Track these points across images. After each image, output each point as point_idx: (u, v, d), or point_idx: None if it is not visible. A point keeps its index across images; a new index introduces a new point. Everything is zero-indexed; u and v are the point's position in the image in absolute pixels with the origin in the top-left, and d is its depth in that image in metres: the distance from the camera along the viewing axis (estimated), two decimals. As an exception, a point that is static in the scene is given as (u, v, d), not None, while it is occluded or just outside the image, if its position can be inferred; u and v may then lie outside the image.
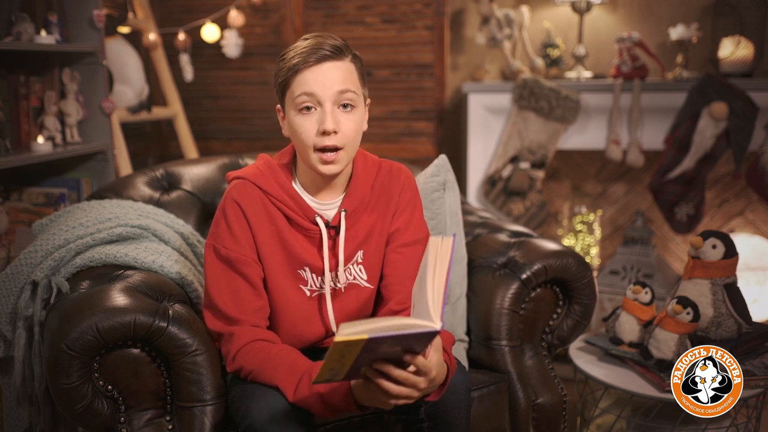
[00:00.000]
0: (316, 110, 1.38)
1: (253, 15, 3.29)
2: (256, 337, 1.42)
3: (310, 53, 1.37)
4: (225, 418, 1.48)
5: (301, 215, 1.46)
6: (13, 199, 2.47)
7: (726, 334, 1.95)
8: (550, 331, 1.89)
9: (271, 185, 1.46)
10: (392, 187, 1.54)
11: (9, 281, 1.67)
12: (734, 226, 3.17)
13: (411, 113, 3.25)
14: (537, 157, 2.98)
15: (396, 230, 1.53)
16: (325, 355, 1.12)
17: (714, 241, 1.94)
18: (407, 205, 1.54)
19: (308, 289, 1.49)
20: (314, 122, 1.38)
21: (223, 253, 1.44)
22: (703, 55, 3.00)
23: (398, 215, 1.53)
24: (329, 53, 1.37)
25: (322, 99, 1.37)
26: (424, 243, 1.53)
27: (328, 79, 1.37)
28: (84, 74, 2.52)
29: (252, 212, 1.45)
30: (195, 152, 3.30)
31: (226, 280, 1.44)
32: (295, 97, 1.38)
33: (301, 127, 1.39)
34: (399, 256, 1.52)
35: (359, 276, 1.52)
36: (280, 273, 1.47)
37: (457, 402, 1.39)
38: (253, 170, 1.49)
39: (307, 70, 1.37)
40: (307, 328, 1.50)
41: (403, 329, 1.10)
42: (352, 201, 1.49)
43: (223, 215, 1.46)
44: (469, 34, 3.23)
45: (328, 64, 1.37)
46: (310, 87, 1.37)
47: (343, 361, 1.14)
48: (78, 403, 1.41)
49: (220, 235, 1.45)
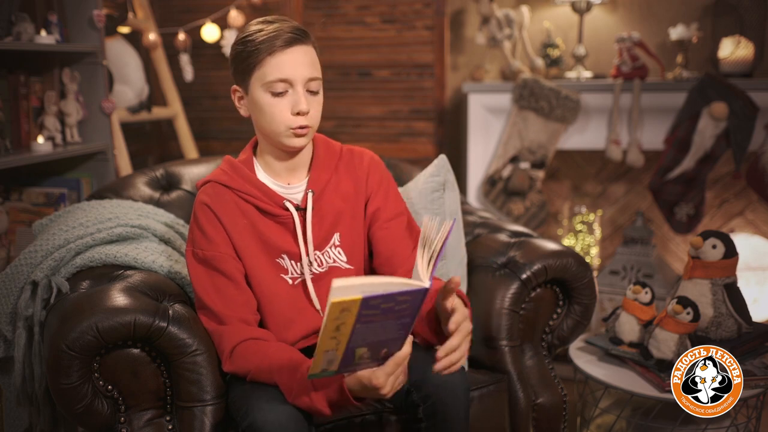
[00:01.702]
0: (288, 92, 1.44)
1: (253, 15, 3.29)
2: (249, 336, 1.44)
3: (277, 36, 1.42)
4: (225, 418, 1.48)
5: (269, 203, 1.51)
6: (13, 199, 2.47)
7: (726, 334, 1.95)
8: (550, 331, 1.89)
9: (236, 181, 1.52)
10: (358, 170, 1.60)
11: (9, 281, 1.67)
12: (734, 226, 3.17)
13: (411, 113, 3.25)
14: (537, 157, 2.98)
15: (376, 210, 1.58)
16: (320, 331, 1.12)
17: (714, 241, 1.94)
18: (379, 186, 1.60)
19: (290, 277, 1.53)
20: (287, 104, 1.45)
21: (201, 255, 1.49)
22: (703, 55, 3.00)
23: (373, 197, 1.59)
24: (297, 36, 1.43)
25: (294, 82, 1.44)
26: (405, 214, 1.61)
27: (299, 63, 1.44)
28: (84, 74, 2.53)
29: (222, 211, 1.50)
30: (195, 152, 3.30)
31: (210, 280, 1.48)
32: (267, 80, 1.43)
33: (275, 108, 1.45)
34: (386, 231, 1.57)
35: (338, 258, 1.55)
36: (261, 265, 1.51)
37: (455, 402, 1.39)
38: (217, 172, 1.56)
39: (279, 53, 1.42)
40: (296, 316, 1.52)
41: (393, 287, 1.12)
42: (318, 181, 1.54)
43: (195, 220, 1.52)
44: (469, 34, 3.23)
45: (298, 48, 1.44)
46: (284, 72, 1.43)
47: (338, 336, 1.13)
48: (78, 403, 1.41)
49: (196, 238, 1.51)
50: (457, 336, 1.29)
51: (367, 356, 1.21)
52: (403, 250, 1.55)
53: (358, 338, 1.16)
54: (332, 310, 1.09)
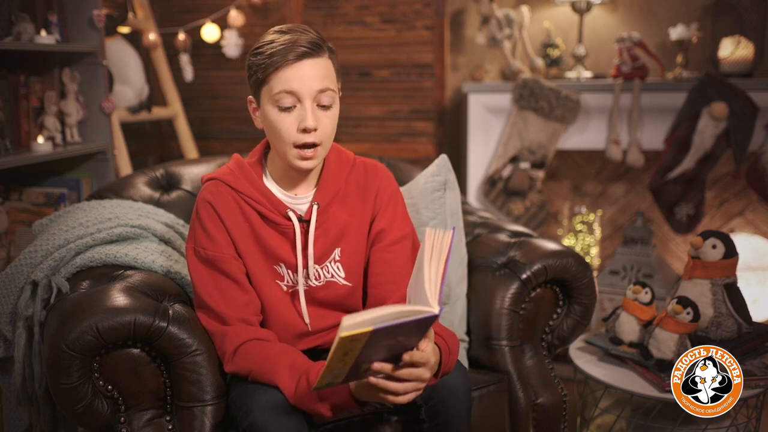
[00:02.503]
0: (296, 107, 1.39)
1: (253, 15, 3.29)
2: (252, 336, 1.43)
3: (288, 49, 1.37)
4: (225, 418, 1.48)
5: (272, 211, 1.48)
6: (13, 199, 2.47)
7: (726, 334, 1.95)
8: (550, 331, 1.89)
9: (242, 183, 1.48)
10: (368, 184, 1.54)
11: (9, 281, 1.67)
12: (734, 226, 3.17)
13: (411, 113, 3.25)
14: (537, 157, 2.98)
15: (381, 231, 1.53)
16: (328, 356, 1.12)
17: (714, 241, 1.94)
18: (388, 204, 1.54)
19: (285, 284, 1.51)
20: (294, 119, 1.39)
21: (203, 254, 1.46)
22: (703, 55, 3.00)
23: (380, 216, 1.54)
24: (308, 50, 1.38)
25: (302, 97, 1.38)
26: (410, 238, 1.55)
27: (308, 77, 1.37)
28: (84, 74, 2.52)
29: (225, 211, 1.47)
30: (195, 152, 3.30)
31: (212, 280, 1.46)
32: (274, 94, 1.39)
33: (281, 124, 1.40)
34: (388, 255, 1.52)
35: (337, 273, 1.52)
36: (259, 269, 1.49)
37: (457, 402, 1.39)
38: (224, 170, 1.51)
39: (287, 67, 1.37)
40: (289, 320, 1.51)
41: (404, 317, 1.11)
42: (325, 194, 1.50)
43: (197, 217, 1.48)
44: (469, 34, 3.23)
45: (308, 62, 1.38)
46: (290, 85, 1.37)
47: (345, 359, 1.14)
48: (78, 403, 1.41)
49: (198, 236, 1.48)
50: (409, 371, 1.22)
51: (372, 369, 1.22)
52: (403, 279, 1.49)
53: (365, 358, 1.17)
54: (341, 342, 1.08)
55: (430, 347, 1.25)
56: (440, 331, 1.40)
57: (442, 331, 1.42)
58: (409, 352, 1.21)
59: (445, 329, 1.46)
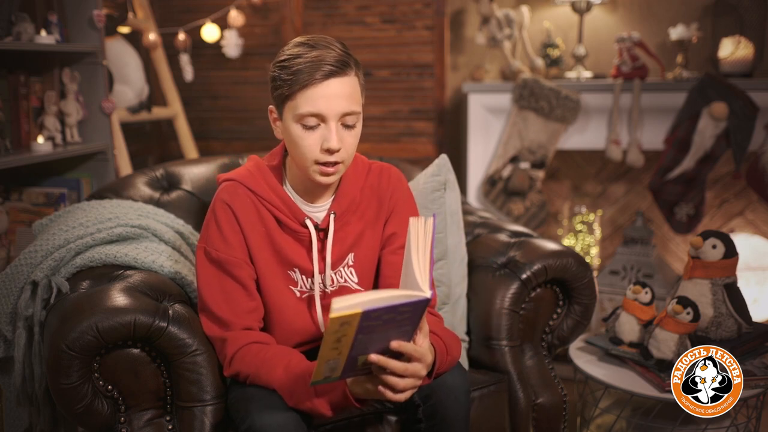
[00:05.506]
0: (320, 126, 1.37)
1: (253, 15, 3.29)
2: (250, 340, 1.43)
3: (315, 68, 1.34)
4: (225, 418, 1.48)
5: (290, 217, 1.47)
6: (13, 199, 2.47)
7: (726, 334, 1.95)
8: (550, 331, 1.89)
9: (261, 187, 1.46)
10: (382, 189, 1.54)
11: (9, 281, 1.67)
12: (734, 226, 3.17)
13: (411, 113, 3.25)
14: (537, 157, 2.98)
15: (392, 234, 1.54)
16: (322, 343, 1.12)
17: (714, 241, 1.94)
18: (401, 207, 1.55)
19: (298, 290, 1.50)
20: (317, 138, 1.37)
21: (214, 255, 1.44)
22: (703, 55, 3.00)
23: (392, 219, 1.54)
24: (335, 68, 1.35)
25: (327, 118, 1.36)
26: None
27: (334, 97, 1.35)
28: (84, 74, 2.52)
29: (242, 214, 1.45)
30: (195, 152, 3.30)
31: (218, 283, 1.44)
32: (298, 113, 1.36)
33: (304, 141, 1.38)
34: (398, 258, 1.52)
35: (350, 279, 1.52)
36: (271, 274, 1.48)
37: (455, 402, 1.38)
38: (243, 172, 1.49)
39: (313, 87, 1.34)
40: (299, 326, 1.50)
41: (395, 300, 1.11)
42: (342, 203, 1.49)
43: (214, 217, 1.46)
44: (469, 34, 3.23)
45: (334, 81, 1.35)
46: (316, 106, 1.35)
47: (339, 347, 1.14)
48: (78, 403, 1.41)
49: (211, 237, 1.45)
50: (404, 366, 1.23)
51: (369, 362, 1.22)
52: None
53: (361, 347, 1.17)
54: (332, 324, 1.08)
55: (426, 343, 1.26)
56: (440, 333, 1.40)
57: (443, 332, 1.42)
58: (402, 342, 1.21)
59: (447, 331, 1.46)
